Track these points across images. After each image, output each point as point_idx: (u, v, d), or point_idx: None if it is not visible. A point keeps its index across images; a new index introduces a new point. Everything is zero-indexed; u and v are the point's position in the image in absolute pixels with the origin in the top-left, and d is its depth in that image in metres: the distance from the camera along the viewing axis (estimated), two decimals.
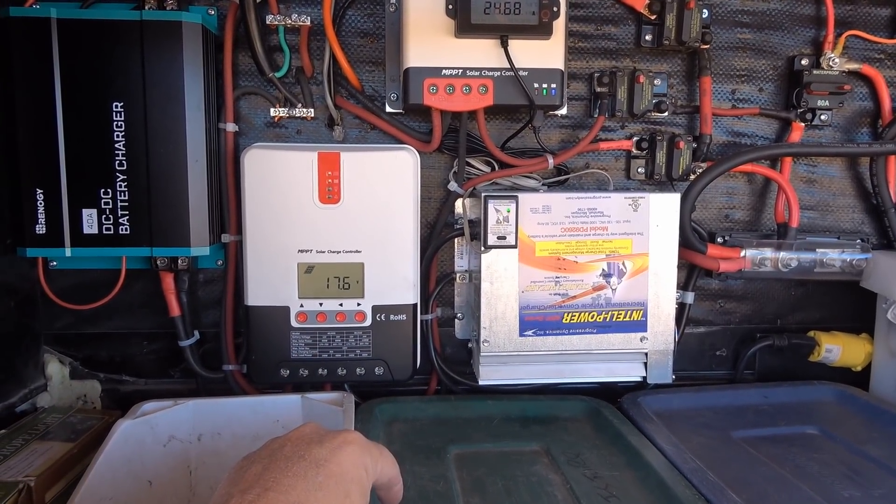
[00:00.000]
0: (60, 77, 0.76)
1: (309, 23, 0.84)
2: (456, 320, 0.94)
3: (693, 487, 0.64)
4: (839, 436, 0.79)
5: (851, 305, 0.99)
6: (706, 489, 0.63)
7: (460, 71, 0.79)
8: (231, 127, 0.85)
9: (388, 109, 0.88)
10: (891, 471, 0.71)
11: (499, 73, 0.80)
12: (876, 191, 0.96)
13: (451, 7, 0.77)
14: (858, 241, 0.95)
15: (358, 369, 0.83)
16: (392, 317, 0.82)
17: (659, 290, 0.84)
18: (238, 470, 0.44)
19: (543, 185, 0.91)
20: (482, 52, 0.79)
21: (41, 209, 0.77)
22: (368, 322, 0.82)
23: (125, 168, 0.78)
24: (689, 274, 0.96)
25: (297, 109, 0.87)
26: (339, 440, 0.47)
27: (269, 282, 0.80)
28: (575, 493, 0.65)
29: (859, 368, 0.96)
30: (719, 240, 0.95)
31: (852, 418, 0.85)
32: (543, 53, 0.80)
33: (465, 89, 0.79)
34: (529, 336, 0.83)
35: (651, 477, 0.67)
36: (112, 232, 0.79)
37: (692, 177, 0.91)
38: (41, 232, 0.77)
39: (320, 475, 0.43)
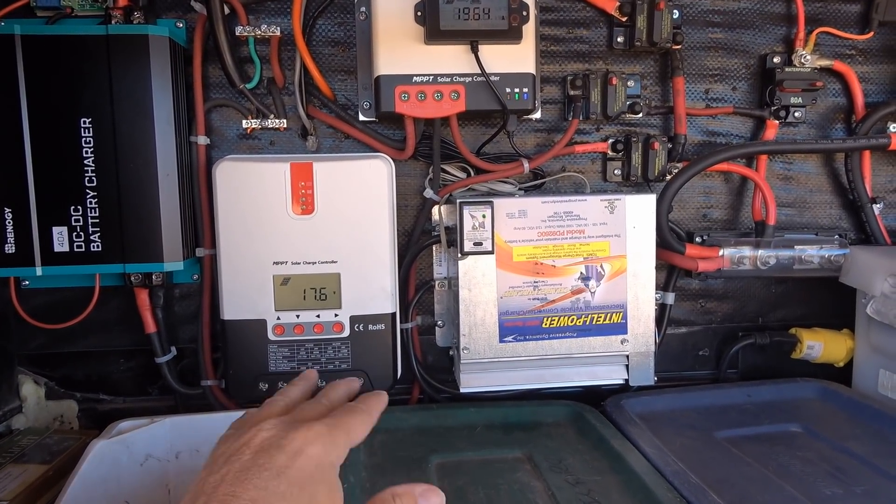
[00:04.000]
0: (26, 94, 0.75)
1: (279, 33, 0.84)
2: (436, 328, 0.94)
3: (675, 490, 0.64)
4: (822, 433, 0.78)
5: (832, 301, 0.99)
6: (688, 491, 0.63)
7: (431, 77, 0.79)
8: (202, 140, 0.84)
9: (362, 118, 0.88)
10: (873, 467, 0.70)
11: (470, 79, 0.79)
12: (852, 186, 0.97)
13: (420, 14, 0.77)
14: (836, 236, 0.96)
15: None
16: (371, 327, 0.82)
17: (638, 291, 0.83)
18: (197, 482, 0.42)
19: (520, 189, 0.91)
20: (453, 59, 0.79)
21: (10, 228, 0.76)
22: (347, 333, 0.81)
23: (95, 184, 0.77)
24: (669, 274, 0.96)
25: (269, 120, 0.87)
26: (299, 442, 0.44)
27: (244, 295, 0.80)
28: (557, 500, 0.65)
29: (842, 364, 0.96)
30: (697, 239, 0.95)
31: (835, 414, 0.85)
32: (514, 58, 0.79)
33: (437, 96, 0.79)
34: (510, 342, 0.83)
35: (633, 481, 0.67)
36: (83, 249, 0.78)
37: (669, 177, 0.91)
38: (10, 251, 0.76)
39: (282, 484, 0.41)
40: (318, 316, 0.81)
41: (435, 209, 0.90)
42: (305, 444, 0.44)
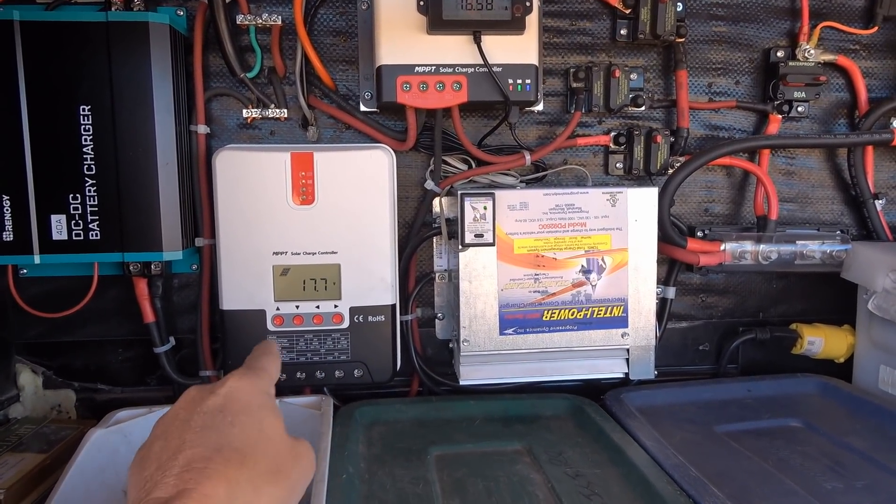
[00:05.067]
0: (25, 81, 0.74)
1: (280, 22, 0.83)
2: (436, 320, 0.93)
3: (675, 483, 0.63)
4: (822, 428, 0.78)
5: (833, 297, 0.98)
6: (688, 485, 0.63)
7: (433, 68, 0.78)
8: (202, 129, 0.84)
9: (363, 108, 0.87)
10: (873, 462, 0.70)
11: (472, 70, 0.79)
12: (854, 181, 0.96)
13: (422, 3, 0.76)
14: (838, 232, 0.95)
15: (337, 372, 0.81)
16: (370, 318, 0.81)
17: (639, 285, 0.83)
18: (149, 450, 0.42)
19: (521, 182, 0.91)
20: (455, 49, 0.78)
21: (8, 216, 0.75)
22: (346, 324, 0.81)
23: (94, 173, 0.76)
24: (670, 269, 0.96)
25: (269, 110, 0.86)
26: (227, 384, 0.47)
27: (244, 285, 0.79)
28: (556, 492, 0.64)
29: (842, 360, 0.96)
30: (699, 234, 0.95)
31: (836, 410, 0.85)
32: (517, 49, 0.79)
33: (439, 86, 0.79)
34: (510, 334, 0.82)
35: (633, 474, 0.67)
36: (82, 238, 0.77)
37: (671, 171, 0.90)
38: (8, 239, 0.76)
39: (227, 416, 0.43)
40: (317, 307, 0.80)
41: (436, 201, 0.89)
42: (233, 383, 0.47)
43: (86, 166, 0.76)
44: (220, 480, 0.39)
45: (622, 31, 0.91)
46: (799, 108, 0.94)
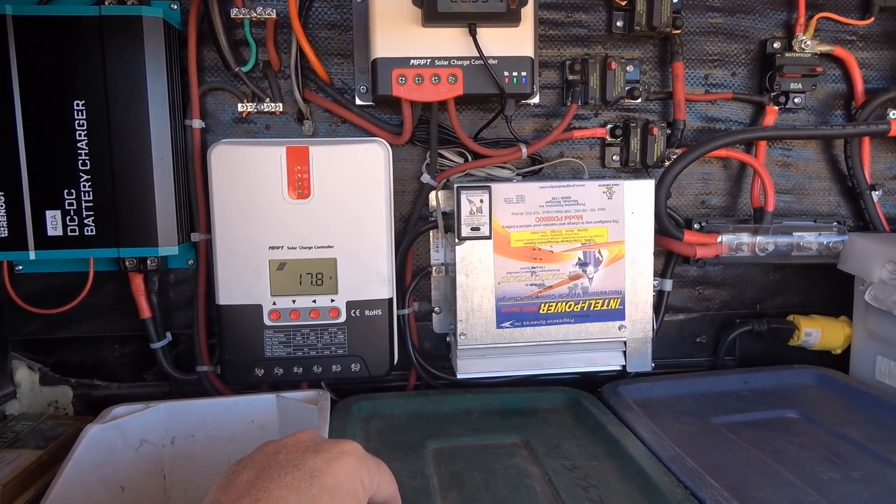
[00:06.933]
0: (18, 76, 0.74)
1: (275, 16, 0.82)
2: (433, 314, 0.93)
3: (672, 475, 0.63)
4: (819, 419, 0.78)
5: (830, 288, 0.99)
6: (685, 476, 0.63)
7: (428, 61, 0.78)
8: (197, 123, 0.83)
9: (358, 102, 0.87)
10: (870, 452, 0.70)
11: (468, 63, 0.78)
12: (851, 173, 0.96)
13: None
14: (835, 223, 0.95)
15: (334, 366, 0.81)
16: (367, 312, 0.81)
17: (636, 277, 0.83)
18: (229, 475, 0.42)
19: (518, 175, 0.90)
20: (450, 41, 0.78)
21: (2, 212, 0.75)
22: (343, 318, 0.81)
23: (88, 168, 0.76)
24: (667, 261, 0.96)
25: (265, 104, 0.86)
26: (335, 451, 0.44)
27: (240, 280, 0.79)
28: (553, 485, 0.64)
29: (839, 351, 0.96)
30: (696, 226, 0.95)
31: (832, 401, 0.85)
32: (513, 41, 0.79)
33: (435, 79, 0.78)
34: (507, 328, 0.82)
35: (630, 466, 0.67)
36: (77, 233, 0.77)
37: (667, 163, 0.90)
38: (3, 235, 0.75)
39: (314, 487, 0.41)
40: (314, 301, 0.80)
41: (432, 194, 0.89)
42: (341, 454, 0.44)
43: (80, 161, 0.76)
44: None
45: (618, 23, 0.90)
46: (795, 100, 0.94)
